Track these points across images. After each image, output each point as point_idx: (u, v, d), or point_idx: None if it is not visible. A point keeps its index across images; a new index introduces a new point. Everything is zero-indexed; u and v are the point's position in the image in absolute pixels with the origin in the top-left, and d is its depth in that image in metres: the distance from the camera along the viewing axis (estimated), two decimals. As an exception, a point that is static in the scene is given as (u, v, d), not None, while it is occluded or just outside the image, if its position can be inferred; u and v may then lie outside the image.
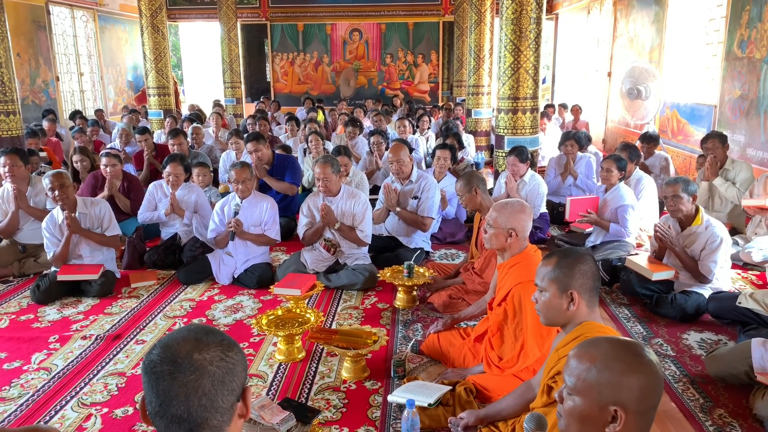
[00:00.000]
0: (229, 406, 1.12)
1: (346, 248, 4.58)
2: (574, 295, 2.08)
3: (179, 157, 5.20)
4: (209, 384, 1.09)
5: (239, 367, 1.15)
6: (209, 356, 1.11)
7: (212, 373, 1.09)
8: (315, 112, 10.66)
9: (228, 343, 1.16)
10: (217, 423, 1.11)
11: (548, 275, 2.13)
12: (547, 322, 2.20)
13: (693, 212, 3.96)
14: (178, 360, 1.09)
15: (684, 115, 7.99)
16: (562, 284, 2.09)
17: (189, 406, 1.07)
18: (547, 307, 2.14)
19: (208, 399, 1.09)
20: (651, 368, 1.35)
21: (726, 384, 3.06)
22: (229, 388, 1.12)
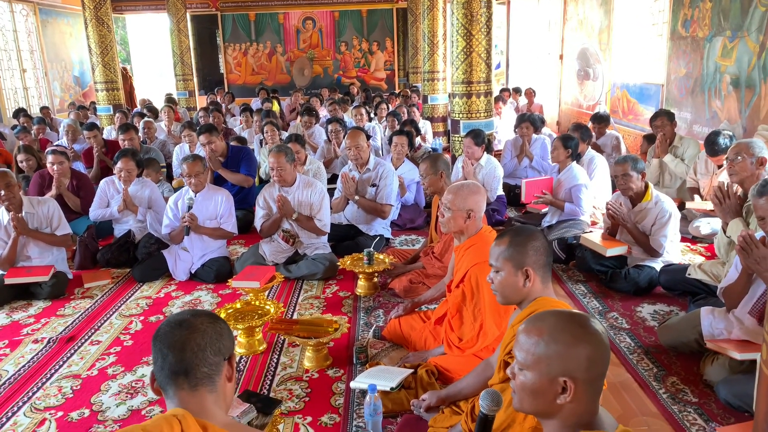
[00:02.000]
0: (217, 363, 1.41)
1: (305, 238, 4.55)
2: (530, 272, 2.11)
3: (130, 152, 5.06)
4: (200, 338, 1.39)
5: (226, 333, 1.45)
6: (200, 320, 1.43)
7: (203, 331, 1.40)
8: (270, 103, 10.51)
9: (217, 316, 1.49)
10: (207, 372, 1.39)
11: (503, 254, 2.14)
12: (504, 301, 2.22)
13: (643, 189, 4.06)
14: (177, 323, 1.41)
15: (633, 95, 8.18)
16: (516, 262, 2.11)
17: (183, 353, 1.36)
18: (503, 286, 2.16)
19: (199, 349, 1.38)
20: (597, 338, 1.38)
21: (678, 353, 3.16)
22: (216, 347, 1.41)
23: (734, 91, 5.76)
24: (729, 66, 5.84)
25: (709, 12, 6.15)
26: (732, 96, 5.80)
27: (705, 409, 2.68)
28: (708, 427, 2.55)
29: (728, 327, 2.89)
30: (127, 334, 3.69)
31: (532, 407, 1.42)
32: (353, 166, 5.13)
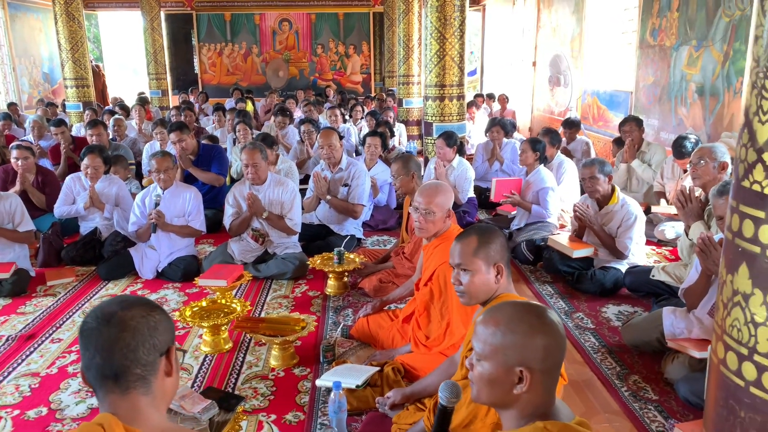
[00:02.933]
0: (152, 361, 1.25)
1: (275, 237, 4.52)
2: (500, 268, 2.12)
3: (97, 149, 4.97)
4: (130, 337, 1.22)
5: (162, 326, 1.28)
6: (131, 314, 1.24)
7: (133, 327, 1.22)
8: (244, 103, 10.44)
9: (152, 305, 1.31)
10: (141, 373, 1.24)
11: (473, 253, 2.12)
12: (471, 301, 2.18)
13: (609, 192, 4.13)
14: (104, 317, 1.23)
15: (604, 102, 8.32)
16: (488, 259, 2.11)
17: (112, 355, 1.21)
18: (476, 285, 2.12)
19: (129, 350, 1.21)
20: (553, 328, 1.39)
21: (640, 351, 3.21)
22: (150, 343, 1.24)
23: (699, 99, 5.90)
24: (694, 74, 5.98)
25: (676, 21, 6.30)
26: (697, 104, 5.94)
27: (665, 407, 2.73)
28: (667, 424, 2.59)
29: (689, 326, 2.95)
30: (90, 332, 3.61)
31: (490, 398, 1.43)
32: (325, 165, 5.12)
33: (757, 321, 1.10)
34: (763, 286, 1.09)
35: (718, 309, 1.23)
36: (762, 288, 1.09)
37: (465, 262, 2.12)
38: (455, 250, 2.16)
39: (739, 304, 1.14)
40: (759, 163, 1.09)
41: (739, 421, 1.16)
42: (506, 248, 2.14)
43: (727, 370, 1.19)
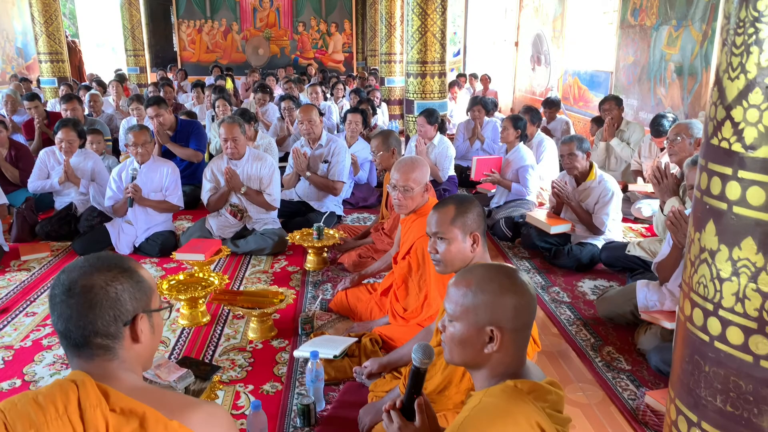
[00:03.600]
0: (113, 331, 1.21)
1: (254, 213, 4.49)
2: (477, 237, 2.12)
3: (71, 122, 4.88)
4: (87, 310, 1.19)
5: (126, 295, 1.23)
6: (91, 283, 1.20)
7: (90, 300, 1.19)
8: (223, 81, 10.30)
9: (120, 269, 1.25)
10: (102, 343, 1.21)
11: (450, 221, 2.13)
12: (447, 269, 2.19)
13: (587, 168, 4.16)
14: (66, 287, 1.20)
15: (584, 82, 8.35)
16: (464, 228, 2.12)
17: (69, 325, 1.19)
18: (452, 253, 2.12)
19: (86, 321, 1.19)
20: (523, 288, 1.41)
21: (614, 324, 3.27)
22: (109, 314, 1.20)
23: (678, 79, 5.94)
24: (674, 54, 6.02)
25: (657, 1, 6.32)
26: (676, 83, 5.99)
27: (637, 376, 2.79)
28: (639, 392, 2.64)
29: (661, 299, 3.00)
30: (65, 306, 3.58)
31: (461, 358, 1.45)
32: (305, 141, 5.08)
33: (722, 276, 1.12)
34: (729, 242, 1.11)
35: (686, 267, 1.25)
36: (728, 244, 1.11)
37: (442, 231, 2.12)
38: (432, 219, 2.16)
39: (706, 261, 1.16)
40: (727, 120, 1.10)
41: (703, 375, 1.18)
42: (483, 217, 2.15)
43: (693, 327, 1.20)
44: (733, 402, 1.13)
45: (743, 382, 1.11)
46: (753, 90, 1.05)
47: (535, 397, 1.37)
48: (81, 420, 1.11)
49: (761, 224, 1.05)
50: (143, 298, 1.27)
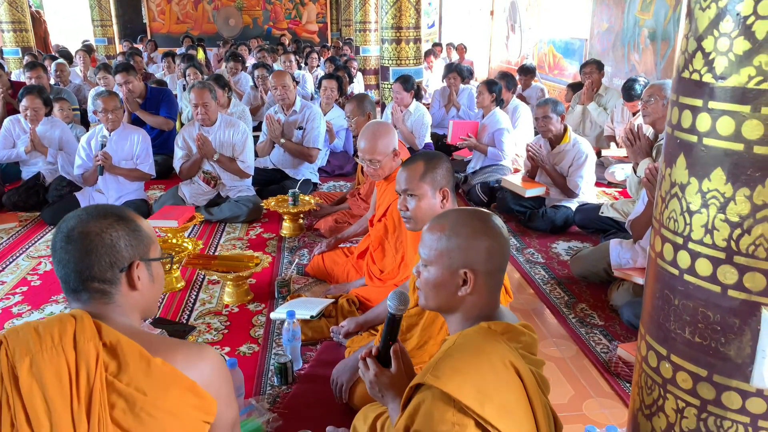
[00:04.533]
0: (110, 277, 1.25)
1: (228, 180, 4.43)
2: (446, 192, 2.12)
3: (36, 89, 4.73)
4: (84, 255, 1.23)
5: (121, 242, 1.26)
6: (88, 230, 1.23)
7: (86, 245, 1.23)
8: (195, 51, 10.07)
9: (117, 218, 1.28)
10: (99, 287, 1.25)
11: (419, 178, 2.12)
12: (419, 225, 2.18)
13: (562, 132, 4.18)
14: (65, 234, 1.24)
15: (559, 50, 8.35)
16: (434, 183, 2.11)
17: (68, 271, 1.24)
18: (423, 210, 2.11)
19: (83, 266, 1.23)
20: (496, 231, 1.41)
21: (588, 282, 3.32)
22: (105, 260, 1.24)
23: (651, 44, 5.97)
24: (647, 19, 6.04)
25: (632, -34, 6.32)
26: (649, 49, 6.02)
27: (610, 331, 2.84)
28: (611, 346, 2.70)
29: (634, 256, 3.04)
30: (35, 275, 3.51)
31: (435, 302, 1.45)
32: (279, 108, 5.00)
33: (692, 209, 1.13)
34: (699, 175, 1.11)
35: (657, 204, 1.26)
36: (698, 176, 1.12)
37: (411, 187, 2.11)
38: (401, 177, 2.14)
39: (676, 195, 1.17)
40: (699, 51, 1.10)
41: (673, 308, 1.20)
42: (451, 173, 2.13)
43: (663, 262, 1.22)
44: (701, 333, 1.15)
45: (711, 313, 1.13)
46: (724, 18, 1.04)
47: (508, 338, 1.38)
48: (74, 350, 1.14)
49: (730, 154, 1.06)
50: (140, 246, 1.30)
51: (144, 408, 1.13)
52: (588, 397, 2.36)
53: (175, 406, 1.17)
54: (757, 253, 1.05)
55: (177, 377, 1.18)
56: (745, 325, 1.09)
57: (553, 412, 1.46)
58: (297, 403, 2.28)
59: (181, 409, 1.18)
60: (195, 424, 1.21)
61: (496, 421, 1.25)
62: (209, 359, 1.26)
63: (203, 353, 1.26)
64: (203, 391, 1.21)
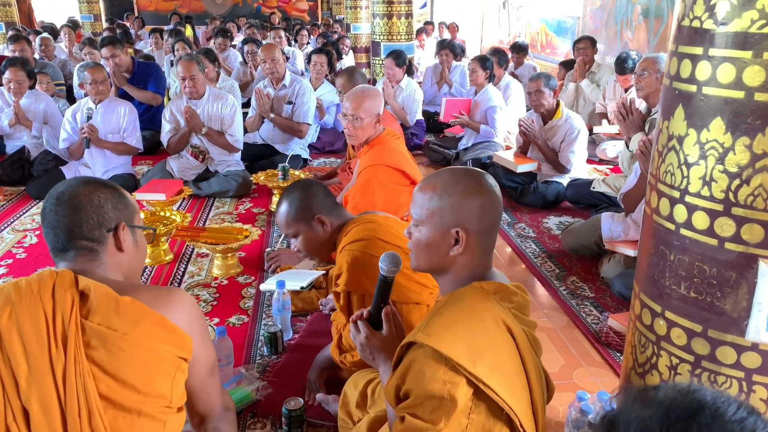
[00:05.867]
0: (97, 236, 1.31)
1: (216, 155, 4.36)
2: (321, 219, 2.07)
3: (19, 61, 4.62)
4: (73, 214, 1.29)
5: (109, 204, 1.33)
6: (77, 192, 1.31)
7: (76, 205, 1.29)
8: (183, 27, 9.90)
9: (102, 184, 1.37)
10: (87, 245, 1.31)
11: (292, 219, 2.08)
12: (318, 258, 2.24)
13: (554, 107, 4.15)
14: (55, 198, 1.31)
15: (551, 29, 8.29)
16: (306, 217, 2.07)
17: (58, 231, 1.30)
18: (310, 243, 2.12)
19: (72, 224, 1.29)
20: (489, 189, 1.38)
21: (579, 255, 3.31)
22: (93, 219, 1.30)
23: (644, 21, 5.93)
24: (641, -4, 5.99)
25: (625, -58, 6.25)
26: (642, 26, 5.98)
27: (600, 302, 2.84)
28: (602, 317, 2.70)
29: (625, 229, 3.04)
30: (21, 248, 3.46)
31: (427, 262, 1.42)
32: (268, 82, 4.93)
33: (689, 161, 1.11)
34: (698, 126, 1.09)
35: (654, 160, 1.24)
36: (696, 127, 1.09)
37: (288, 231, 2.09)
38: (277, 222, 2.13)
39: (674, 148, 1.15)
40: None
41: (668, 264, 1.18)
42: (322, 194, 2.10)
43: (659, 217, 1.20)
44: (697, 287, 1.14)
45: (707, 267, 1.11)
46: (726, -39, 1.01)
47: (500, 298, 1.36)
48: (52, 299, 1.18)
49: (730, 102, 1.04)
50: (126, 211, 1.37)
51: (115, 343, 1.17)
52: (579, 366, 2.36)
53: (145, 340, 1.19)
54: (755, 204, 1.03)
55: (146, 313, 1.21)
56: (741, 278, 1.07)
57: (545, 372, 1.45)
58: (287, 371, 2.26)
59: (153, 343, 1.20)
60: (170, 359, 1.22)
61: (487, 379, 1.23)
62: (178, 297, 1.30)
63: (171, 291, 1.32)
64: (174, 326, 1.23)
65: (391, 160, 2.89)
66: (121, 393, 1.16)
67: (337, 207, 2.14)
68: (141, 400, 1.18)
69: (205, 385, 1.38)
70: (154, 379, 1.19)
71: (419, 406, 1.25)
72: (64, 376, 1.13)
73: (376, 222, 2.07)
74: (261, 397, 2.09)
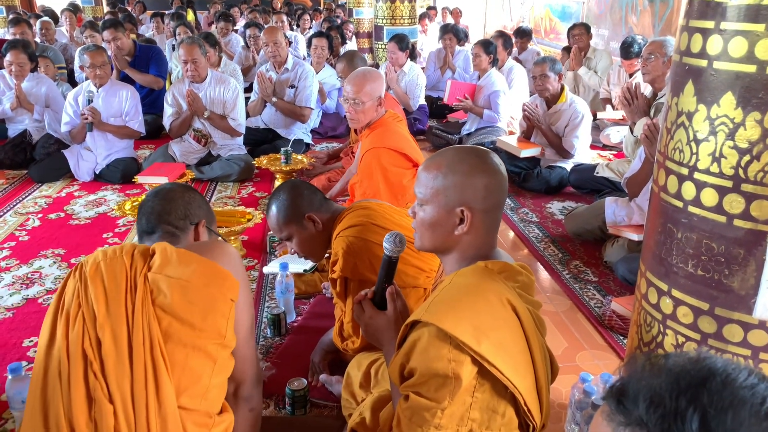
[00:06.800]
0: (182, 226, 1.56)
1: (218, 139, 4.35)
2: (312, 217, 2.07)
3: (21, 44, 4.59)
4: (165, 202, 1.56)
5: (196, 203, 1.61)
6: (172, 188, 1.62)
7: (169, 197, 1.57)
8: (184, 11, 9.84)
9: (191, 190, 1.66)
10: (170, 230, 1.54)
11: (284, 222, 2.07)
12: (314, 258, 2.23)
13: (558, 91, 4.12)
14: (153, 192, 1.61)
15: (556, 14, 8.22)
16: (297, 218, 2.06)
17: (151, 218, 1.54)
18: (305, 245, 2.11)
19: (163, 210, 1.54)
20: (494, 168, 1.37)
21: (582, 240, 3.30)
22: (182, 212, 1.56)
23: (649, 6, 5.88)
24: (646, -20, 5.93)
25: (632, -75, 6.18)
26: (647, 11, 5.92)
27: (604, 286, 2.83)
28: (605, 301, 2.69)
29: (629, 214, 3.02)
30: (24, 231, 3.46)
31: (431, 242, 1.41)
32: (271, 66, 4.90)
33: (699, 138, 1.10)
34: (708, 101, 1.08)
35: (662, 137, 1.23)
36: (706, 103, 1.08)
37: (282, 235, 2.09)
38: (270, 227, 2.13)
39: (683, 125, 1.13)
40: (712, -30, 1.05)
41: (675, 242, 1.18)
42: (308, 192, 2.10)
43: (667, 195, 1.19)
44: (705, 265, 1.13)
45: (715, 244, 1.10)
46: (740, -69, 0.99)
47: (505, 277, 1.35)
48: (131, 258, 1.38)
49: (741, 77, 1.02)
50: (208, 214, 1.65)
51: (174, 288, 1.34)
52: (581, 349, 2.36)
53: (200, 283, 1.36)
54: (765, 180, 1.02)
55: (199, 260, 1.38)
56: (750, 255, 1.06)
57: (550, 352, 1.45)
58: (290, 353, 2.26)
59: (207, 285, 1.36)
60: (224, 299, 1.38)
61: (492, 358, 1.22)
62: (225, 248, 1.48)
63: (220, 244, 1.50)
64: (224, 270, 1.39)
65: (392, 142, 2.88)
66: (179, 329, 1.33)
67: (326, 202, 2.14)
68: (197, 335, 1.34)
69: (245, 346, 1.49)
70: (209, 316, 1.35)
71: (423, 385, 1.24)
72: (133, 315, 1.33)
73: (370, 208, 2.07)
74: (265, 378, 2.09)
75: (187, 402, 1.34)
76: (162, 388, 1.31)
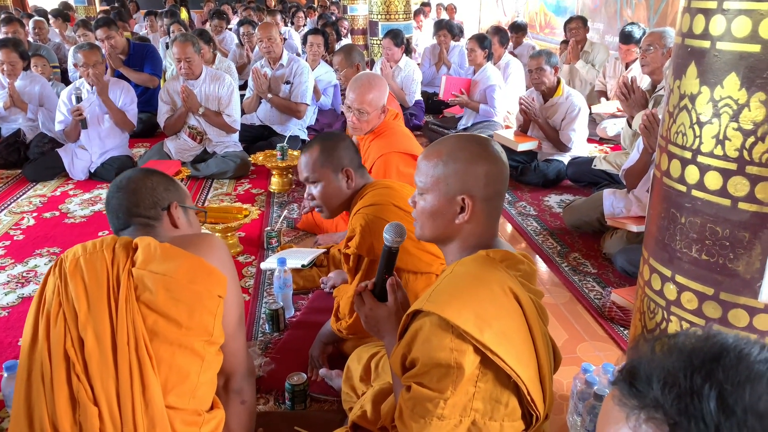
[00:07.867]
0: (153, 214, 1.48)
1: (214, 136, 4.32)
2: (349, 172, 2.02)
3: (12, 42, 4.55)
4: (130, 194, 1.47)
5: (161, 186, 1.50)
6: (133, 177, 1.50)
7: (132, 188, 1.47)
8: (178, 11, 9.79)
9: (152, 173, 1.54)
10: (144, 222, 1.47)
11: (320, 164, 2.00)
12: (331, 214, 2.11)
13: (555, 84, 4.11)
14: (115, 185, 1.50)
15: (550, 8, 8.21)
16: (335, 166, 2.01)
17: (120, 213, 1.47)
18: (329, 196, 2.03)
19: (131, 204, 1.46)
20: (495, 156, 1.35)
21: (581, 232, 3.29)
22: (149, 199, 1.47)
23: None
24: (641, -27, 5.92)
25: None
26: (642, 4, 5.91)
27: (603, 278, 2.82)
28: (604, 292, 2.68)
29: (627, 205, 3.01)
30: (18, 230, 3.43)
31: (432, 231, 1.40)
32: (266, 62, 4.87)
33: (702, 120, 1.08)
34: (711, 83, 1.06)
35: (664, 121, 1.21)
36: (709, 84, 1.07)
37: (313, 175, 2.02)
38: (301, 165, 2.05)
39: (686, 108, 1.12)
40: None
41: (679, 227, 1.16)
42: (353, 150, 2.05)
43: (669, 180, 1.18)
44: (709, 250, 1.12)
45: (720, 228, 1.09)
46: None
47: (507, 266, 1.34)
48: (112, 253, 1.34)
49: (745, 57, 1.01)
50: (176, 193, 1.54)
51: (159, 284, 1.30)
52: (582, 341, 2.35)
53: (186, 280, 1.31)
54: (770, 161, 1.01)
55: (184, 255, 1.34)
56: (755, 238, 1.05)
57: (553, 342, 1.43)
58: (289, 348, 2.25)
59: (193, 282, 1.32)
60: (211, 296, 1.33)
61: (495, 347, 1.21)
62: (212, 241, 1.42)
63: (206, 237, 1.45)
64: (211, 266, 1.35)
65: (401, 146, 2.88)
66: (165, 327, 1.29)
67: (362, 168, 2.09)
68: (183, 333, 1.30)
69: (233, 340, 1.44)
70: (196, 313, 1.31)
71: (426, 375, 1.23)
72: (117, 312, 1.29)
73: (391, 188, 2.04)
74: (264, 374, 2.08)
75: (175, 401, 1.31)
76: (148, 388, 1.27)
